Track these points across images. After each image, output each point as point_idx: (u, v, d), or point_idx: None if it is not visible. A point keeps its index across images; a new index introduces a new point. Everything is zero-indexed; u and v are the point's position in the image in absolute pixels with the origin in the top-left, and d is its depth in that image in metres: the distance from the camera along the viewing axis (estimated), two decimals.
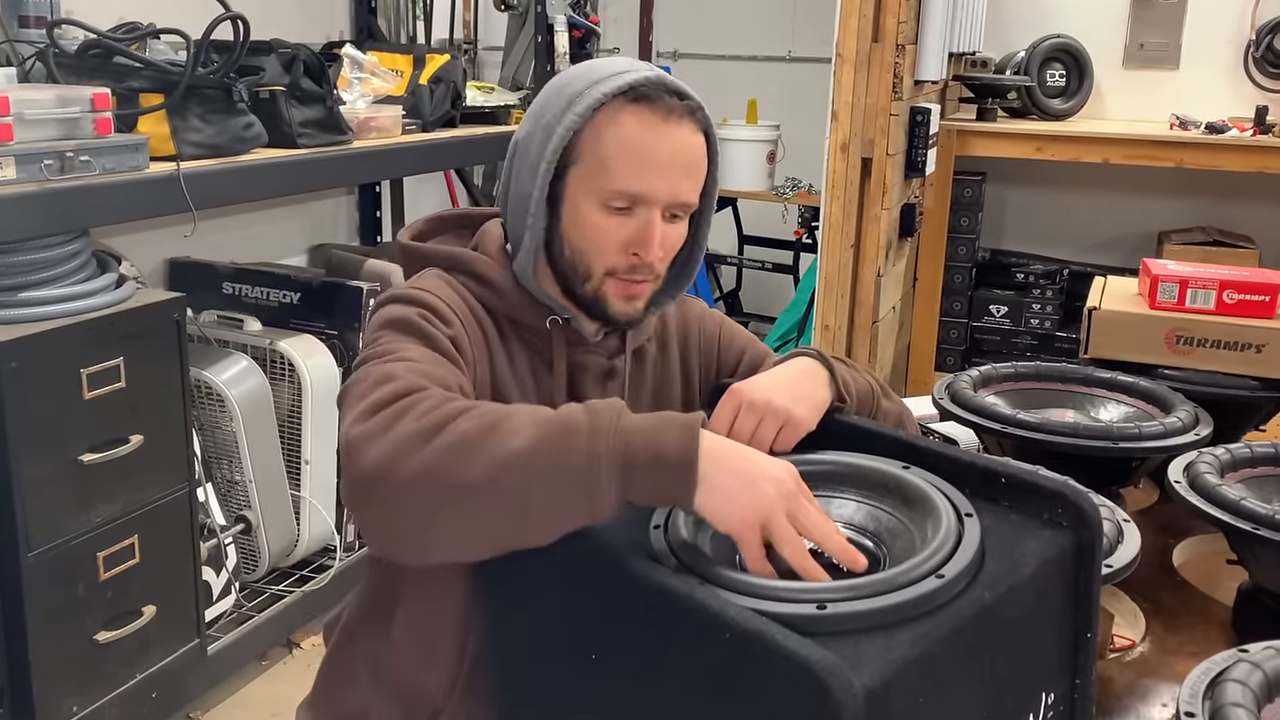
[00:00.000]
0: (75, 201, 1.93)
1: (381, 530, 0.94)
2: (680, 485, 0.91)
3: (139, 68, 2.16)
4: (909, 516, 1.02)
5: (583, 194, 1.15)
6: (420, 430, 0.91)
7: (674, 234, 1.18)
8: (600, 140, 1.13)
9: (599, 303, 1.18)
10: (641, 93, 1.13)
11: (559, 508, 0.90)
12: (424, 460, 0.90)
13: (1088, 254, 4.07)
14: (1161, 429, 1.58)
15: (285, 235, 3.34)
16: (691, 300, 1.38)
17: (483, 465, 0.89)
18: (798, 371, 1.17)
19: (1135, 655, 1.33)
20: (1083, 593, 1.00)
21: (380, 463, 0.91)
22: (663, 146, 1.13)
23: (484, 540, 0.93)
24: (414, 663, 1.17)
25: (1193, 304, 1.90)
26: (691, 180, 1.17)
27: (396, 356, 1.03)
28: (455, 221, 1.32)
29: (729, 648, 0.81)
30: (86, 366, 1.98)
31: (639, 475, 0.90)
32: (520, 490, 0.89)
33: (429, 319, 1.10)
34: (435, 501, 0.90)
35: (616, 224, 1.15)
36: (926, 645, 0.84)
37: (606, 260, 1.16)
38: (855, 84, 3.01)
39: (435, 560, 0.98)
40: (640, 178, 1.13)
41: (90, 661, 2.06)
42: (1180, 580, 1.50)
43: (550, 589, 1.00)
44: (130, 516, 2.11)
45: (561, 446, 0.90)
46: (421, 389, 0.97)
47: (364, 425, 0.93)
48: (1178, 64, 3.86)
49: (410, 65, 3.10)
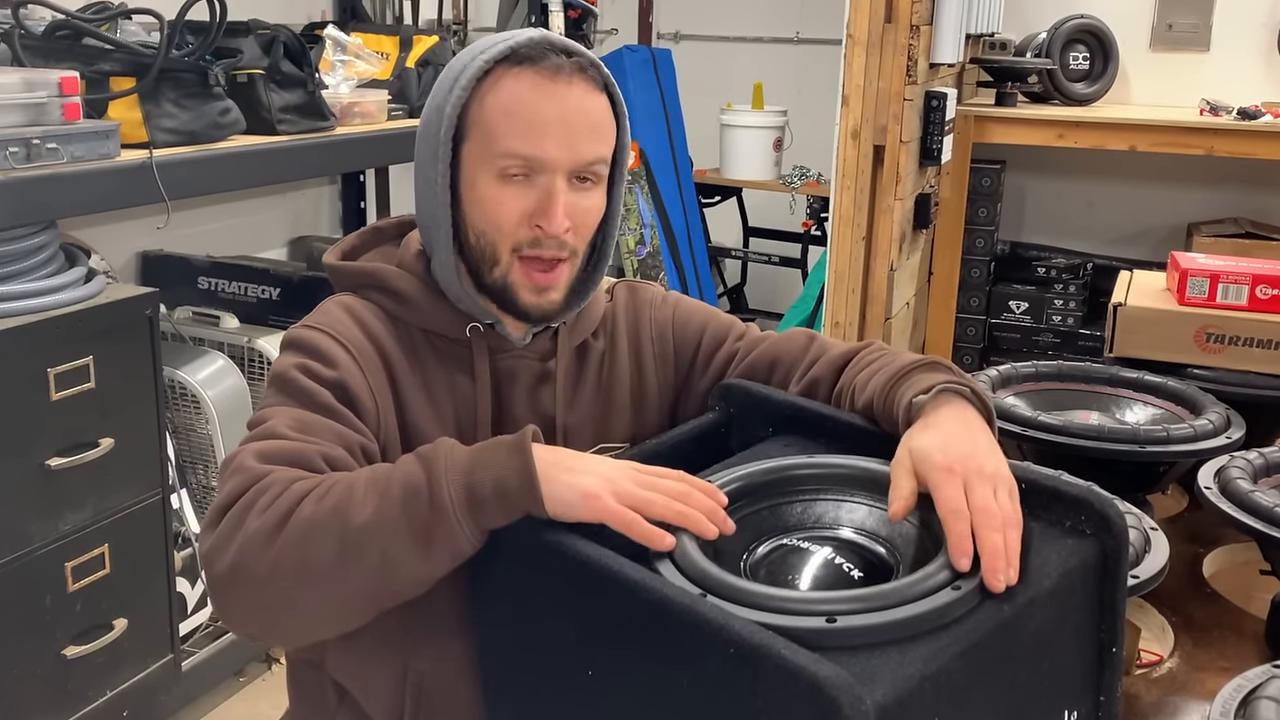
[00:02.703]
0: (42, 191, 1.93)
1: (249, 629, 1.04)
2: (529, 502, 0.96)
3: (110, 50, 2.15)
4: (924, 522, 1.01)
5: (477, 168, 1.15)
6: (265, 528, 0.96)
7: (584, 203, 1.17)
8: (485, 109, 1.14)
9: (509, 293, 1.18)
10: (523, 54, 1.14)
11: (421, 563, 0.96)
12: (275, 558, 0.95)
13: (1113, 247, 4.07)
14: (1191, 432, 1.58)
15: (264, 227, 3.34)
16: (644, 286, 1.36)
17: (334, 547, 0.95)
18: (970, 420, 1.08)
19: (1163, 671, 1.33)
20: (1108, 605, 1.00)
21: (233, 569, 0.96)
22: (550, 106, 1.13)
23: (353, 612, 1.00)
24: (361, 697, 1.19)
25: (1224, 300, 1.90)
26: (595, 141, 1.16)
27: (260, 432, 1.06)
28: (394, 231, 1.31)
29: (733, 663, 0.81)
30: (54, 366, 1.97)
31: (487, 508, 0.96)
32: (379, 559, 0.95)
33: (309, 369, 1.11)
34: (295, 592, 0.96)
35: (515, 194, 1.14)
36: (942, 661, 0.84)
37: (510, 237, 1.15)
38: (867, 67, 3.01)
39: (310, 640, 1.09)
40: (529, 139, 1.13)
41: (58, 678, 2.06)
42: (1211, 592, 1.50)
43: (542, 603, 1.00)
44: (100, 524, 2.10)
45: (406, 507, 0.95)
46: (263, 478, 1.00)
47: (211, 536, 0.99)
48: (1208, 46, 3.86)
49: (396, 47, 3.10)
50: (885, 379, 1.15)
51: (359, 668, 1.18)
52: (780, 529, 1.05)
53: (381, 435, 1.14)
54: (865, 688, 0.78)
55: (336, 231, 3.62)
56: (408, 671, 1.15)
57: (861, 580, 0.97)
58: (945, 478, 0.98)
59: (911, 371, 1.14)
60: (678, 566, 0.94)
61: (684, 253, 4.59)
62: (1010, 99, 3.73)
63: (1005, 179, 3.95)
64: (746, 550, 1.02)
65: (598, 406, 1.28)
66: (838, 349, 1.28)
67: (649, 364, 1.32)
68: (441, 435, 1.13)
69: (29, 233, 2.00)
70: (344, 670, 1.19)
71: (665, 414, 1.32)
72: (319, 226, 3.57)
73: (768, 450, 1.17)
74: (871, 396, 1.16)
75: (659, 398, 1.31)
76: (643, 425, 1.30)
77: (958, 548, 0.93)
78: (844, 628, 0.85)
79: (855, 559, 1.00)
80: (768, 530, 1.05)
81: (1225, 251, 3.23)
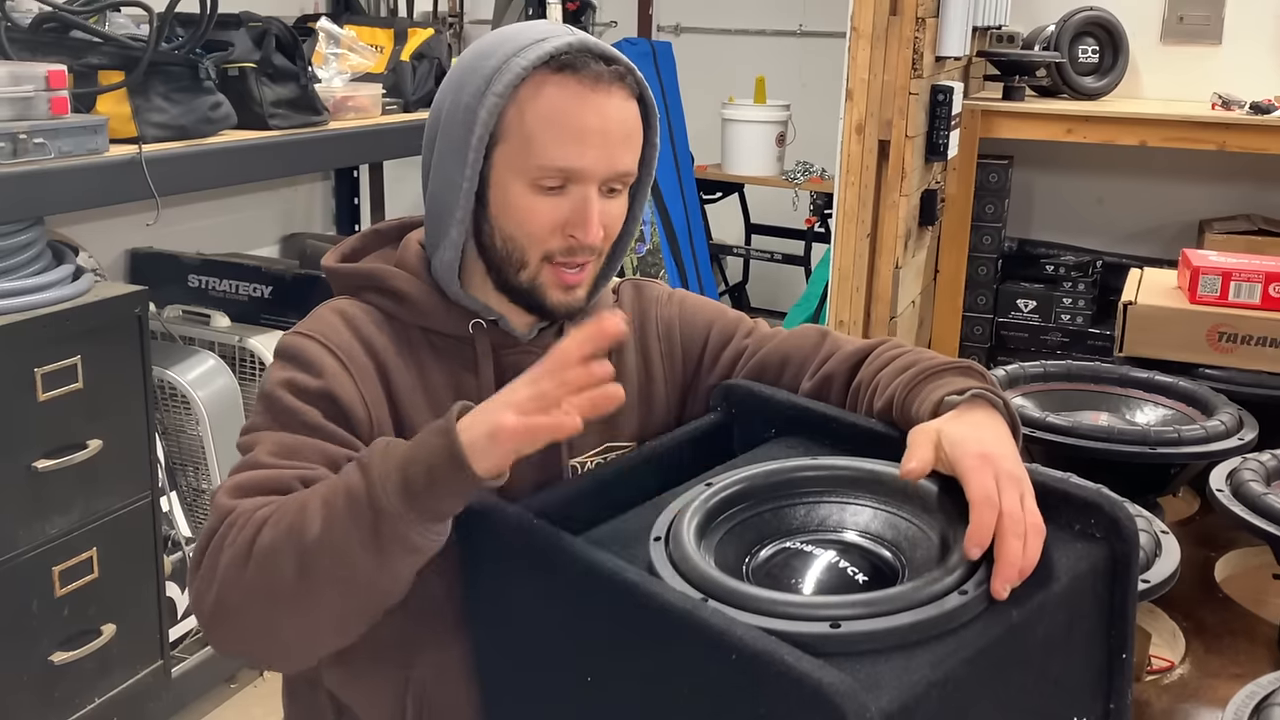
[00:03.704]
0: (29, 187, 1.93)
1: (242, 655, 1.12)
2: (462, 479, 0.95)
3: (98, 43, 2.15)
4: (930, 525, 1.01)
5: (510, 175, 1.14)
6: (234, 561, 0.99)
7: (613, 210, 1.18)
8: (524, 116, 1.13)
9: (536, 294, 1.18)
10: (565, 60, 1.13)
11: (379, 567, 0.97)
12: (245, 586, 0.99)
13: (1123, 244, 4.07)
14: (1203, 433, 1.58)
15: (256, 224, 3.34)
16: (649, 284, 1.37)
17: (293, 567, 0.97)
18: (1001, 429, 1.08)
19: (1174, 678, 1.33)
20: (1118, 610, 1.00)
21: (215, 605, 1.01)
22: (593, 117, 1.13)
23: (336, 627, 1.02)
24: (361, 710, 1.20)
25: (1236, 298, 1.90)
26: (628, 150, 1.16)
27: (243, 463, 1.09)
28: (395, 233, 1.30)
29: (735, 669, 0.81)
30: (41, 366, 1.97)
31: (423, 497, 0.96)
32: (337, 569, 0.97)
33: (295, 385, 1.12)
34: (269, 617, 0.99)
35: (550, 205, 1.14)
36: (949, 667, 0.84)
37: (542, 245, 1.15)
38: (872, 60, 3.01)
39: (309, 661, 1.10)
40: (571, 152, 1.12)
41: (45, 685, 2.06)
42: (1223, 597, 1.50)
43: (540, 608, 1.00)
44: (88, 528, 2.10)
45: (352, 514, 0.96)
46: (230, 513, 1.02)
47: (197, 577, 1.03)
48: (1220, 39, 3.86)
49: (391, 40, 3.10)
50: (914, 374, 1.15)
51: (358, 681, 1.18)
52: (783, 532, 1.05)
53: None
54: (870, 695, 0.78)
55: (329, 228, 3.62)
56: (409, 681, 1.15)
57: (866, 584, 0.97)
58: (980, 464, 0.98)
59: (944, 371, 1.15)
60: (679, 570, 0.94)
61: (684, 250, 4.59)
62: (1018, 93, 3.72)
63: (1013, 175, 3.95)
64: (749, 554, 1.02)
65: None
66: (852, 345, 1.28)
67: (655, 362, 1.32)
68: None
69: (15, 230, 2.00)
70: (343, 684, 1.19)
71: (673, 413, 1.32)
72: (312, 223, 3.57)
73: (770, 452, 1.17)
74: (894, 391, 1.15)
75: (666, 396, 1.32)
76: (650, 424, 1.30)
77: (976, 536, 0.94)
78: (848, 633, 0.85)
79: (860, 562, 1.00)
80: (770, 533, 1.05)
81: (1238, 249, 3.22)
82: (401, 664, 1.15)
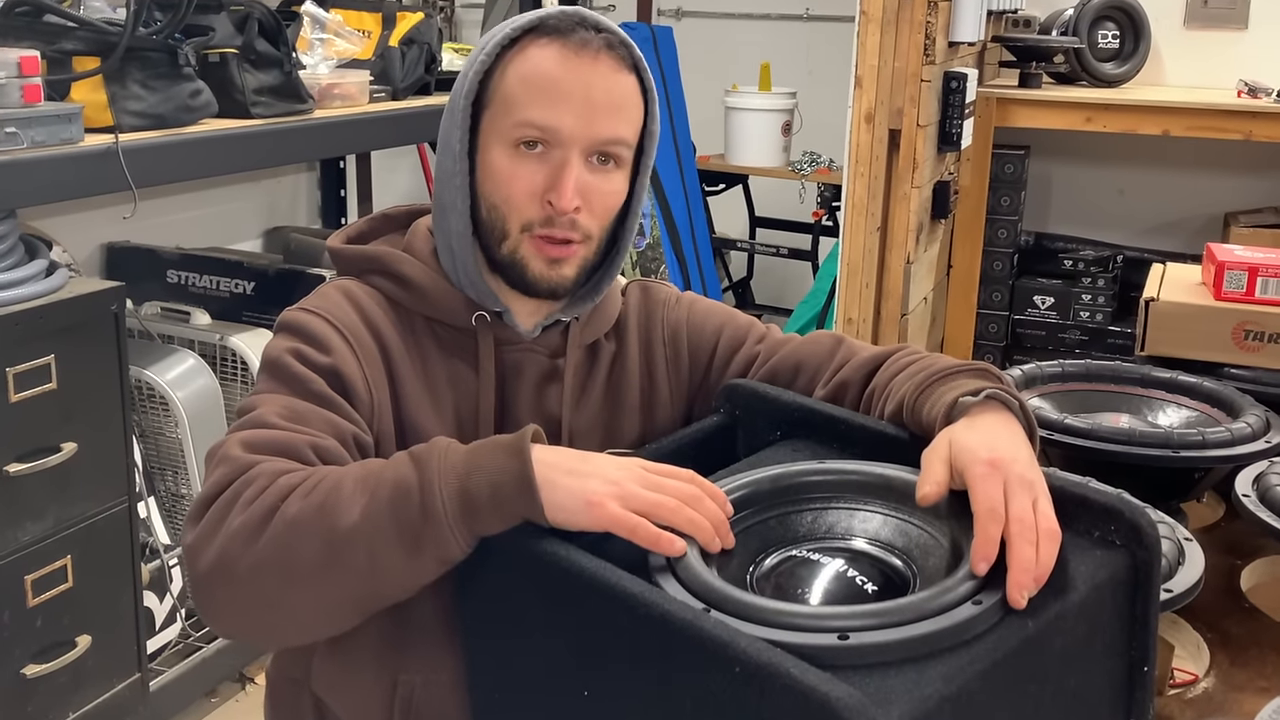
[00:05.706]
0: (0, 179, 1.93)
1: (228, 628, 1.09)
2: (527, 509, 0.97)
3: (72, 27, 2.15)
4: (942, 532, 1.02)
5: (493, 138, 1.18)
6: (248, 524, 0.97)
7: (600, 185, 1.19)
8: (506, 78, 1.18)
9: (517, 267, 1.19)
10: (551, 26, 1.17)
11: (407, 569, 0.98)
12: (257, 556, 0.97)
13: (1144, 238, 4.07)
14: (1228, 435, 1.58)
15: (238, 217, 3.34)
16: (658, 286, 1.38)
17: (318, 549, 0.96)
18: (1016, 431, 1.09)
19: (1199, 691, 1.33)
20: (1139, 621, 1.00)
21: (215, 566, 0.98)
22: (573, 79, 1.16)
23: (338, 615, 1.02)
24: (346, 714, 1.20)
25: (1263, 294, 1.90)
26: (616, 120, 1.18)
27: (249, 420, 1.08)
28: (404, 219, 1.33)
29: (739, 683, 0.81)
30: (13, 365, 1.97)
31: (482, 514, 0.97)
32: (365, 562, 0.97)
33: (302, 355, 1.13)
34: (278, 592, 0.98)
35: (529, 170, 1.17)
36: (962, 680, 0.84)
37: (521, 213, 1.17)
38: (882, 45, 3.01)
39: (294, 642, 1.12)
40: (548, 111, 1.15)
41: (17, 698, 2.06)
42: (1249, 607, 1.50)
43: (535, 618, 1.00)
44: (62, 535, 2.10)
45: (395, 510, 0.96)
46: (249, 468, 1.01)
47: (195, 530, 1.00)
48: (1246, 23, 3.86)
49: (379, 25, 3.09)
50: (926, 377, 1.16)
51: (345, 682, 1.19)
52: (789, 539, 1.05)
53: (375, 426, 1.16)
54: (880, 709, 0.78)
55: (314, 221, 3.62)
56: (397, 685, 1.16)
57: (876, 594, 0.97)
58: (987, 473, 0.99)
59: (957, 373, 1.15)
60: (680, 580, 0.94)
61: (686, 244, 4.59)
62: (1035, 80, 3.73)
63: (1029, 165, 3.95)
64: (753, 562, 1.02)
65: (606, 410, 1.29)
66: (867, 351, 1.28)
67: (660, 367, 1.33)
68: (439, 428, 1.15)
69: None
70: (330, 685, 1.20)
71: (678, 419, 1.33)
72: (296, 216, 3.57)
73: (776, 455, 1.18)
74: (905, 396, 1.16)
75: (671, 402, 1.33)
76: (653, 430, 1.31)
77: (981, 550, 0.94)
78: (857, 645, 0.85)
79: (869, 571, 1.00)
80: (775, 541, 1.05)
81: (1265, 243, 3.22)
82: (392, 666, 1.16)
